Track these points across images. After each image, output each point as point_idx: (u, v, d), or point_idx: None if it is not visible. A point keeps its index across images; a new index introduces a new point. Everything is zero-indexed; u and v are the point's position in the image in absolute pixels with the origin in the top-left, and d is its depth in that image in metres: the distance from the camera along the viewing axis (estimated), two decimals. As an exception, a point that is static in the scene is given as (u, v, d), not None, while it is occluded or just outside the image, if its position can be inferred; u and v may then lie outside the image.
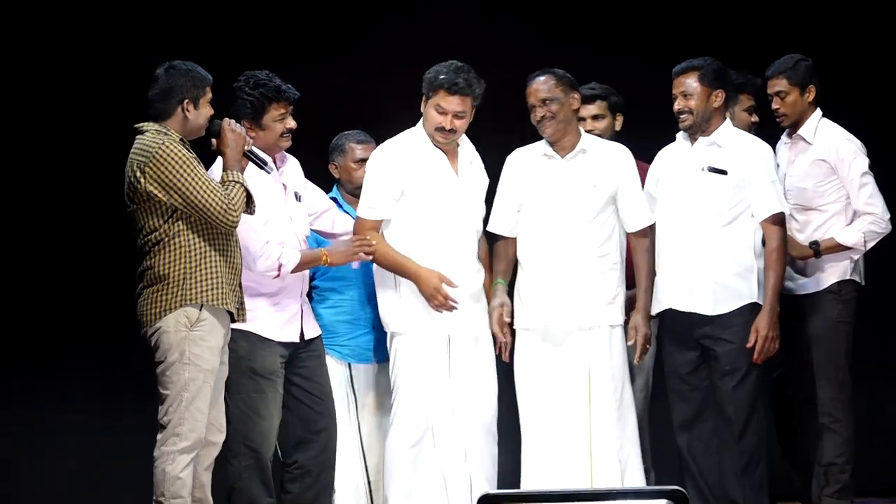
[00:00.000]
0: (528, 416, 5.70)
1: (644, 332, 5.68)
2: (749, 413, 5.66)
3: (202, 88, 5.17)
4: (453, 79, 5.59)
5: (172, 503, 5.04)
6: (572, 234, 5.67)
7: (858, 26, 7.16)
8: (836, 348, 5.87)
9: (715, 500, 5.73)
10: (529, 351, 5.71)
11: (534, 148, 5.80)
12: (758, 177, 5.68)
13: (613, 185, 5.70)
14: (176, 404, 5.06)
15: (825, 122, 5.95)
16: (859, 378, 6.15)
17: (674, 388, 5.79)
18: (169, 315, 5.07)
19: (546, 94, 5.68)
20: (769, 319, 5.60)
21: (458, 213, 5.72)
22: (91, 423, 6.97)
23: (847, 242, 5.84)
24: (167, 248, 5.09)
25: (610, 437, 5.62)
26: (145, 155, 5.05)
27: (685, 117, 5.72)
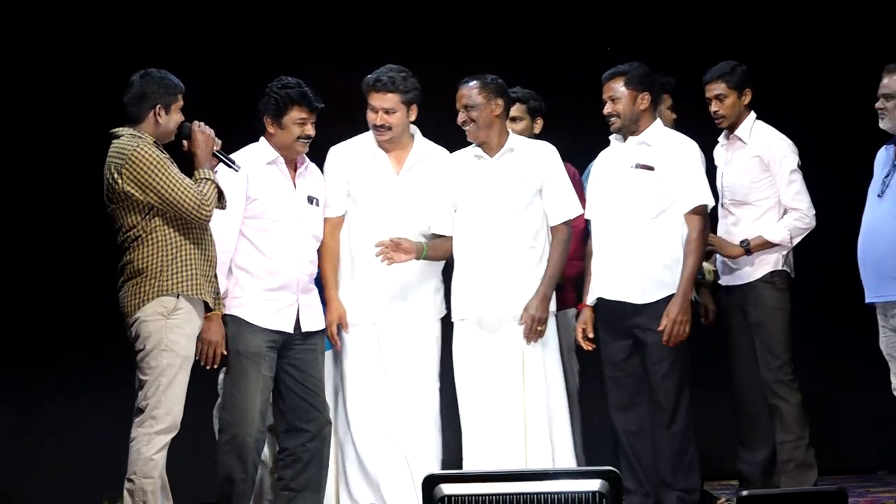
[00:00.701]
0: (467, 402, 5.88)
1: (532, 315, 5.81)
2: (678, 399, 5.84)
3: (174, 95, 5.37)
4: (378, 77, 5.84)
5: (143, 482, 5.19)
6: (503, 227, 5.86)
7: (792, 34, 7.39)
8: (777, 333, 6.06)
9: (648, 480, 5.90)
10: (466, 340, 5.90)
11: (467, 150, 6.00)
12: (683, 171, 5.88)
13: (539, 180, 5.90)
14: (154, 389, 5.23)
15: (759, 124, 6.17)
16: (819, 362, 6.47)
17: (609, 374, 5.97)
18: (147, 305, 5.25)
19: (468, 101, 5.88)
20: (680, 304, 5.78)
21: (395, 211, 5.93)
22: (79, 409, 7.10)
23: (774, 239, 6.06)
24: (145, 243, 5.28)
25: (542, 421, 5.81)
26: (121, 157, 5.24)
27: (614, 120, 5.93)
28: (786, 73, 7.23)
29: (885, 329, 5.78)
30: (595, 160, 6.13)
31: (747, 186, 6.14)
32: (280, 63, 6.11)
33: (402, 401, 5.90)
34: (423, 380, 5.94)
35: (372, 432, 5.92)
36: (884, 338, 5.78)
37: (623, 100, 5.91)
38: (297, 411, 5.76)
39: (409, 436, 5.89)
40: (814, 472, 6.04)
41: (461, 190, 5.95)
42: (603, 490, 4.26)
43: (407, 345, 5.94)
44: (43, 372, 7.14)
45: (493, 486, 4.31)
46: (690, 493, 5.90)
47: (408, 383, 5.92)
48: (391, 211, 5.96)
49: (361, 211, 5.97)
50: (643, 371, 5.92)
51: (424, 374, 5.95)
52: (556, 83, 6.61)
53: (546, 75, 6.62)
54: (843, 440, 7.11)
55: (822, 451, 6.12)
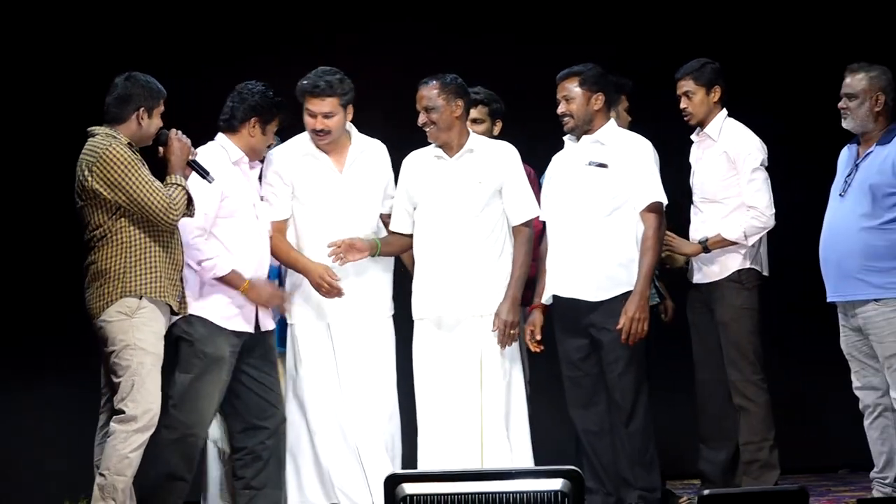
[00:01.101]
0: (424, 400, 5.90)
1: (504, 319, 5.83)
2: (635, 398, 5.88)
3: (157, 100, 5.46)
4: (315, 82, 5.85)
5: (115, 479, 5.26)
6: (460, 228, 5.88)
7: (758, 34, 7.46)
8: (744, 334, 6.09)
9: (609, 479, 5.94)
10: (425, 339, 5.92)
11: (427, 150, 6.01)
12: (637, 169, 5.92)
13: (498, 180, 5.92)
14: (128, 388, 5.29)
15: (730, 121, 6.18)
16: (784, 362, 6.51)
17: (567, 373, 5.99)
18: (111, 307, 5.32)
19: (427, 103, 5.89)
20: (638, 302, 5.81)
21: (341, 209, 5.95)
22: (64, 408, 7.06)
23: (730, 237, 6.09)
24: (110, 243, 5.34)
25: (499, 419, 5.82)
26: (93, 155, 5.31)
27: (567, 120, 5.96)
28: (753, 73, 7.30)
29: (844, 328, 5.86)
30: (552, 161, 6.15)
31: (716, 184, 6.17)
32: (235, 65, 6.26)
33: (357, 399, 5.92)
34: (377, 377, 5.96)
35: (327, 430, 5.93)
36: (844, 337, 5.87)
37: (577, 100, 5.95)
38: (255, 409, 5.78)
39: (363, 433, 5.91)
40: (776, 472, 6.09)
41: (420, 190, 5.97)
42: (565, 489, 4.28)
43: (361, 342, 5.95)
44: (1, 371, 7.13)
45: (455, 485, 4.33)
46: (651, 491, 5.94)
47: (362, 381, 5.93)
48: (338, 209, 5.96)
49: (309, 211, 5.98)
50: (601, 370, 5.95)
51: (379, 371, 5.96)
52: (515, 84, 6.65)
53: (504, 76, 6.67)
54: (804, 439, 7.13)
55: (784, 450, 6.15)
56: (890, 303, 5.67)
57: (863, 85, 5.78)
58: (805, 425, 7.22)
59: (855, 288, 5.74)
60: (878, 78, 5.78)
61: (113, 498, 5.26)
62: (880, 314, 5.69)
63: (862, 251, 5.71)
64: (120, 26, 7.16)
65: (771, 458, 6.07)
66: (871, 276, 5.69)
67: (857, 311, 5.75)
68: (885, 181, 5.71)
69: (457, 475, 4.41)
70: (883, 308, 5.68)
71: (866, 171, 5.77)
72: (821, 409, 7.33)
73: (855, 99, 5.79)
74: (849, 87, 5.81)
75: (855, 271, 5.71)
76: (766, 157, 6.15)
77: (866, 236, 5.71)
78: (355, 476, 5.89)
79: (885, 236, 5.70)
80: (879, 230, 5.71)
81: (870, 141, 5.81)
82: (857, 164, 5.81)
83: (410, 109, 5.99)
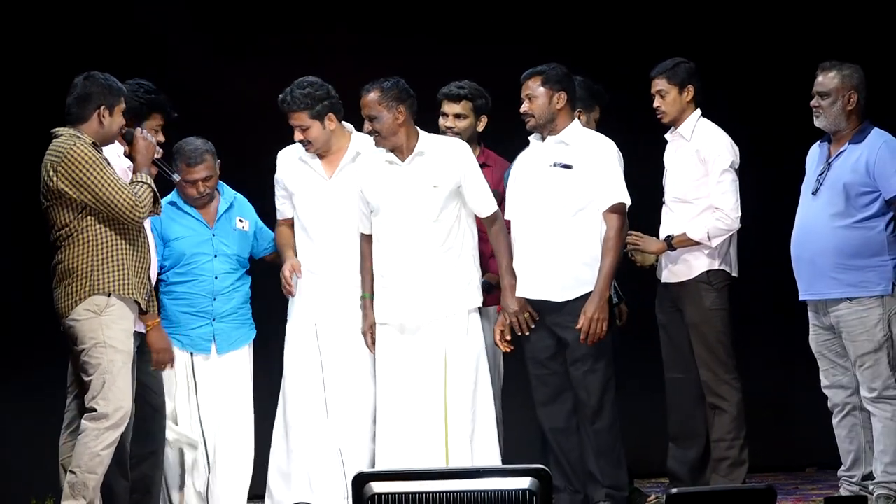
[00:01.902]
0: (384, 404, 5.92)
1: (510, 311, 5.92)
2: (601, 395, 5.94)
3: (117, 97, 5.51)
4: (283, 97, 6.00)
5: (86, 476, 5.30)
6: (419, 233, 5.90)
7: (741, 34, 7.50)
8: (714, 334, 6.13)
9: (576, 477, 6.00)
10: (387, 343, 5.95)
11: (380, 154, 6.01)
12: (600, 170, 5.97)
13: (454, 180, 5.93)
14: (99, 386, 5.34)
15: (703, 121, 6.21)
16: (754, 361, 6.57)
17: (533, 372, 6.05)
18: (79, 306, 5.37)
19: (369, 112, 5.91)
20: (597, 303, 5.86)
21: (328, 213, 6.03)
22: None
23: (693, 237, 6.11)
24: (76, 242, 5.39)
25: (465, 419, 5.85)
26: (58, 156, 5.37)
27: (529, 118, 6.02)
28: (728, 73, 7.37)
29: (815, 327, 5.94)
30: (515, 160, 6.20)
31: (687, 184, 6.19)
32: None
33: (341, 400, 6.00)
34: (359, 379, 6.01)
35: (307, 428, 6.02)
36: (814, 336, 5.95)
37: (539, 98, 6.00)
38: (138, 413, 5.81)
39: (347, 435, 5.98)
40: (744, 470, 6.15)
41: (375, 195, 6.00)
42: (533, 488, 4.33)
43: (346, 345, 6.02)
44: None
45: (423, 483, 4.36)
46: (619, 489, 6.02)
47: (345, 382, 6.01)
48: (322, 215, 6.06)
49: (298, 215, 6.11)
50: (567, 369, 6.01)
51: (362, 373, 6.02)
52: (500, 82, 6.62)
53: (491, 75, 6.67)
54: (773, 438, 7.23)
55: (754, 449, 6.21)
56: (863, 301, 5.76)
57: (835, 83, 5.85)
58: (774, 424, 7.29)
59: (828, 286, 5.82)
60: (850, 76, 5.85)
61: (83, 496, 5.30)
62: (853, 313, 5.77)
63: (835, 249, 5.79)
64: (87, 25, 7.18)
65: (741, 456, 6.12)
66: (844, 275, 5.78)
67: (829, 309, 5.82)
68: (858, 180, 5.78)
69: (425, 474, 4.48)
70: (856, 307, 5.77)
71: (840, 170, 5.84)
72: (789, 408, 7.40)
73: (827, 97, 5.85)
74: (821, 85, 5.87)
75: (828, 270, 5.79)
76: (737, 160, 6.17)
77: (840, 234, 5.79)
78: (335, 476, 5.96)
79: (859, 234, 5.78)
80: (853, 228, 5.79)
81: (842, 140, 5.88)
82: (830, 162, 5.88)
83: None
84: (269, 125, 6.32)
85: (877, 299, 5.75)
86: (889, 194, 5.76)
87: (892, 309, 5.76)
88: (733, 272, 6.21)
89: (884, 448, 5.78)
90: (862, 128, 5.87)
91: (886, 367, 5.76)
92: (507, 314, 5.95)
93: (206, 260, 6.11)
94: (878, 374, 5.76)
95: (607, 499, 5.94)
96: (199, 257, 6.11)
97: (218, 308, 6.09)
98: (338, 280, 6.04)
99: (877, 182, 5.77)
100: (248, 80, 7.22)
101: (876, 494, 5.81)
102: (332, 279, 6.04)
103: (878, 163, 5.77)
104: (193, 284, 6.10)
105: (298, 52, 7.32)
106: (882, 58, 7.02)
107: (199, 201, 6.14)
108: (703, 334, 6.13)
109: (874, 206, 5.78)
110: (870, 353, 5.75)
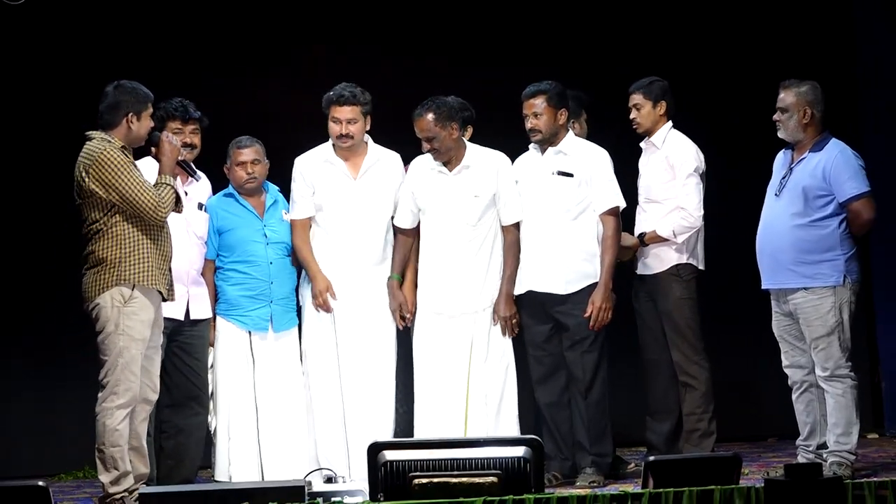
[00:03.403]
0: (421, 380, 6.37)
1: (503, 315, 6.35)
2: (594, 373, 6.36)
3: (144, 104, 5.78)
4: (340, 92, 6.30)
5: (112, 451, 5.61)
6: (461, 237, 6.36)
7: (713, 55, 7.86)
8: (684, 321, 6.44)
9: (566, 446, 6.42)
10: (425, 327, 6.41)
11: (428, 161, 6.43)
12: (597, 177, 6.40)
13: (492, 190, 6.38)
14: (113, 368, 5.63)
15: (674, 132, 6.54)
16: (722, 343, 6.84)
17: (531, 354, 6.49)
18: (105, 293, 5.65)
19: (427, 134, 6.33)
20: (603, 293, 6.31)
21: (354, 212, 6.41)
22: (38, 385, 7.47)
23: (662, 234, 6.46)
24: (106, 235, 5.67)
25: (482, 398, 6.29)
26: (90, 158, 5.66)
27: (535, 134, 6.41)
28: (702, 89, 7.69)
29: (777, 314, 6.24)
30: (514, 166, 6.54)
31: (657, 186, 6.53)
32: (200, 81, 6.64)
33: (359, 383, 6.34)
34: (378, 362, 6.38)
35: (324, 407, 6.36)
36: (776, 321, 6.26)
37: (544, 115, 6.38)
38: (181, 388, 6.22)
39: (365, 418, 6.33)
40: (712, 440, 6.43)
41: (424, 199, 6.40)
42: (527, 456, 4.77)
43: (364, 336, 6.38)
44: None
45: (430, 452, 4.76)
46: (603, 456, 6.39)
47: (362, 366, 6.36)
48: (350, 213, 6.43)
49: (325, 214, 6.43)
50: (561, 351, 6.42)
51: (377, 358, 6.39)
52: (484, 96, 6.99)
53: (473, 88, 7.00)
54: (738, 411, 7.40)
55: (721, 421, 6.50)
56: (816, 291, 6.07)
57: (792, 100, 6.12)
58: (739, 400, 7.52)
59: (787, 277, 6.11)
60: (806, 93, 6.12)
61: (115, 468, 5.59)
62: (809, 301, 6.08)
63: (793, 245, 6.08)
64: (118, 35, 7.44)
65: (710, 428, 6.43)
66: (801, 268, 6.07)
67: (788, 297, 6.12)
68: (815, 184, 6.08)
69: (432, 443, 4.88)
70: (810, 296, 6.08)
71: (800, 175, 6.11)
72: (753, 386, 7.63)
73: (786, 112, 6.13)
74: (781, 101, 6.15)
75: (787, 263, 6.08)
76: (701, 165, 6.47)
77: (798, 232, 6.09)
78: (338, 448, 6.32)
79: (814, 232, 6.09)
80: (809, 227, 6.09)
81: (802, 148, 6.16)
82: (792, 167, 6.15)
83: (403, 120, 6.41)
84: (282, 136, 6.64)
85: (830, 289, 6.03)
86: (842, 198, 6.04)
87: (843, 298, 6.04)
88: (700, 265, 6.52)
89: (836, 421, 6.04)
90: (821, 138, 6.12)
91: (838, 349, 6.04)
92: (499, 317, 6.33)
93: (260, 247, 6.38)
94: (831, 356, 6.04)
95: (593, 465, 6.31)
96: (254, 245, 6.36)
97: (275, 291, 6.37)
98: (356, 271, 6.37)
99: (832, 187, 6.05)
100: (268, 92, 7.48)
101: (829, 461, 6.05)
102: (351, 270, 6.37)
103: (834, 170, 6.05)
104: (251, 269, 6.35)
105: (312, 67, 7.57)
106: (839, 72, 7.34)
107: (248, 185, 6.37)
108: (674, 321, 6.45)
109: (829, 208, 6.06)
110: (823, 336, 6.03)
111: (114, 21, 7.46)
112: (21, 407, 7.45)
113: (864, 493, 4.54)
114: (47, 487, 4.80)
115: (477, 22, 7.78)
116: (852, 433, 6.09)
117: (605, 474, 6.40)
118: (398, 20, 7.73)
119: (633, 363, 6.71)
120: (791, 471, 4.46)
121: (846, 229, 6.13)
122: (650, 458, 4.98)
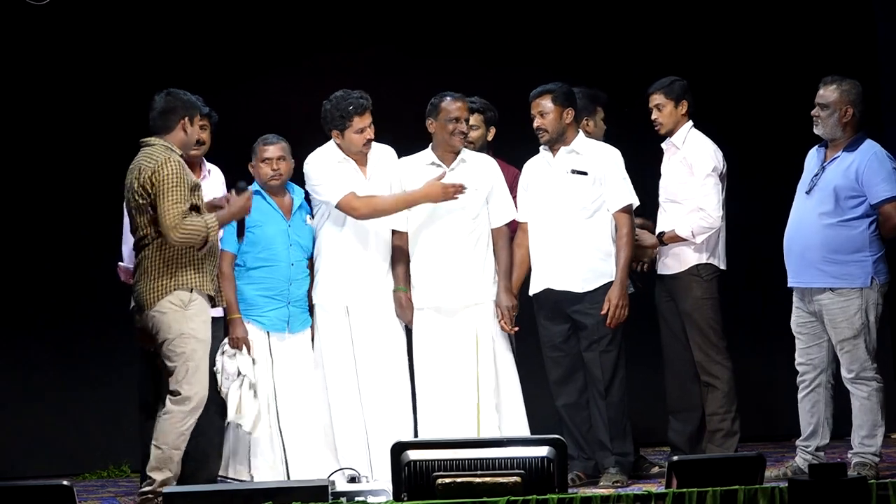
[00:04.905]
0: (424, 379, 6.38)
1: (505, 305, 6.37)
2: (613, 373, 6.38)
3: (196, 110, 5.90)
4: (361, 102, 6.34)
5: (173, 452, 5.68)
6: (460, 231, 6.39)
7: (740, 53, 7.86)
8: (705, 321, 6.45)
9: (588, 446, 6.45)
10: (425, 326, 6.42)
11: (421, 157, 6.47)
12: (610, 175, 6.43)
13: (487, 187, 6.44)
14: (183, 372, 5.68)
15: (694, 132, 6.54)
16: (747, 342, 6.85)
17: (549, 355, 6.51)
18: (164, 299, 5.69)
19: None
20: (619, 291, 6.32)
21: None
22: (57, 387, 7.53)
23: (681, 234, 6.47)
24: (157, 243, 5.72)
25: (493, 393, 6.30)
26: (153, 165, 5.69)
27: (543, 133, 6.46)
28: (722, 88, 7.69)
29: (799, 310, 6.23)
30: (524, 169, 6.61)
31: (677, 186, 6.53)
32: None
33: (376, 383, 6.36)
34: (393, 362, 6.41)
35: (342, 404, 6.39)
36: (796, 317, 6.25)
37: (551, 115, 6.44)
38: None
39: (384, 416, 6.34)
40: (736, 440, 6.44)
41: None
42: (551, 455, 4.80)
43: (377, 326, 6.41)
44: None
45: (454, 451, 4.79)
46: (625, 455, 6.41)
47: (379, 366, 6.38)
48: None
49: (337, 212, 6.41)
50: (579, 351, 6.44)
51: (392, 353, 6.42)
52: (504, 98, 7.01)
53: (496, 91, 7.06)
54: (761, 411, 7.42)
55: (743, 421, 6.50)
56: (843, 292, 6.06)
57: (834, 97, 6.09)
58: (762, 399, 7.51)
59: (814, 276, 6.11)
60: (848, 91, 6.09)
61: (169, 468, 5.66)
62: (835, 302, 6.08)
63: (822, 244, 6.08)
64: (133, 36, 7.51)
65: (733, 428, 6.44)
66: (829, 267, 6.07)
67: (814, 297, 6.12)
68: (848, 185, 6.07)
69: (455, 443, 4.90)
70: (837, 297, 6.07)
71: (832, 174, 6.10)
72: (776, 385, 7.45)
73: (826, 109, 6.08)
74: (822, 97, 6.10)
75: (815, 262, 6.08)
76: (719, 165, 6.47)
77: (827, 231, 6.08)
78: (359, 448, 6.33)
79: (844, 232, 6.08)
80: (839, 226, 6.08)
81: (837, 147, 6.14)
82: (825, 166, 6.14)
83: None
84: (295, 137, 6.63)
85: (857, 290, 6.02)
86: (874, 200, 6.04)
87: (870, 300, 6.03)
88: (721, 265, 6.52)
89: (860, 423, 6.06)
90: (856, 138, 6.10)
91: (864, 351, 6.04)
92: (501, 307, 6.36)
93: (283, 248, 6.41)
94: (857, 358, 6.04)
95: (616, 465, 6.33)
96: (277, 244, 6.39)
97: (293, 292, 6.41)
98: (369, 264, 6.41)
99: (864, 188, 6.04)
100: (281, 94, 7.51)
101: (854, 462, 6.06)
102: (364, 264, 6.41)
103: (867, 171, 6.04)
104: (272, 269, 6.38)
105: (319, 71, 7.55)
106: (860, 69, 7.10)
107: (273, 181, 6.40)
108: (695, 321, 6.46)
109: (860, 209, 6.05)
110: (849, 338, 6.03)
111: (129, 23, 7.53)
112: (46, 406, 7.49)
113: (888, 493, 4.55)
114: (72, 487, 4.84)
115: (493, 24, 7.84)
116: (877, 435, 6.10)
117: (629, 474, 6.43)
118: (412, 22, 7.79)
119: (655, 363, 6.72)
120: (815, 471, 4.46)
121: (875, 231, 6.12)
122: (674, 458, 5.01)
